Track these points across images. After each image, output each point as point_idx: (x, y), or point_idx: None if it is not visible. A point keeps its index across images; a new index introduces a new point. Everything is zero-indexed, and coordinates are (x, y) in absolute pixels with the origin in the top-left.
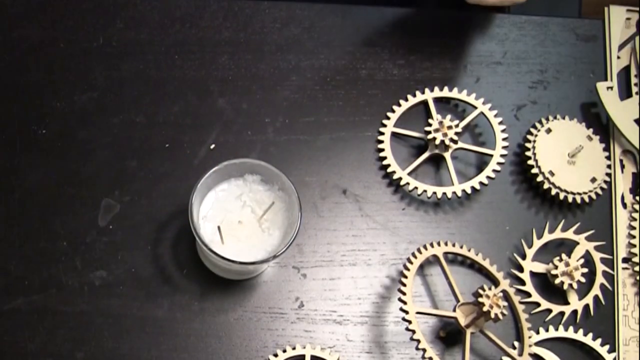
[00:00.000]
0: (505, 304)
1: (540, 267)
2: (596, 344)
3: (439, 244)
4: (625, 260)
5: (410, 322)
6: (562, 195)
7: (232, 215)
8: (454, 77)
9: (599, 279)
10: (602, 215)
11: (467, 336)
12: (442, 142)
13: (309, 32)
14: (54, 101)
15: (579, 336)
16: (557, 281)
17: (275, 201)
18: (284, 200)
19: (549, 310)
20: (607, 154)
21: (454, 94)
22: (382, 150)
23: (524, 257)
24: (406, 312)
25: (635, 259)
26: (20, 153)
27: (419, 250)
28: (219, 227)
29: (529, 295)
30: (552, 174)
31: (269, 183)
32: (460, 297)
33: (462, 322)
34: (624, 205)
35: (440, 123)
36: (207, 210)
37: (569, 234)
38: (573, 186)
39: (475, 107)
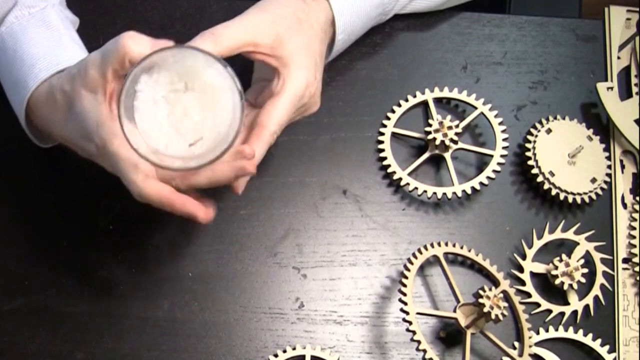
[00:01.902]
0: (506, 304)
1: (540, 268)
2: (596, 345)
3: (439, 244)
4: (625, 260)
5: (410, 322)
6: (562, 196)
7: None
8: (454, 78)
9: (599, 280)
10: (602, 215)
11: (468, 337)
12: (442, 142)
13: None
14: None
15: (579, 336)
16: (557, 281)
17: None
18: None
19: (549, 311)
20: (607, 154)
21: (454, 94)
22: (382, 150)
23: (524, 257)
24: (407, 313)
25: (636, 260)
26: (20, 153)
27: (419, 251)
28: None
29: (529, 295)
30: (552, 174)
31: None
32: (461, 298)
33: (463, 322)
34: (624, 206)
35: (441, 123)
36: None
37: (569, 235)
38: (573, 186)
39: (476, 108)
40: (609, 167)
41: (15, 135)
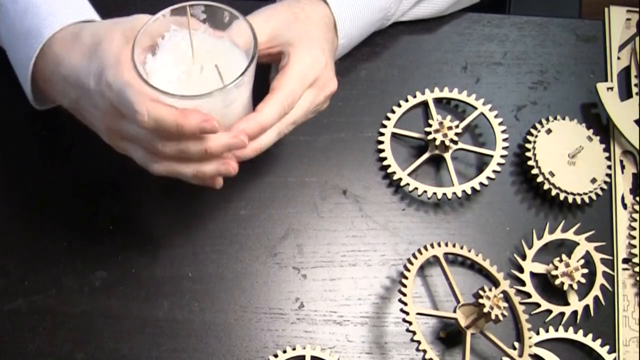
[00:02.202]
0: (506, 305)
1: (540, 268)
2: (596, 345)
3: (439, 244)
4: (625, 260)
5: (410, 323)
6: (562, 196)
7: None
8: (454, 78)
9: (599, 280)
10: (602, 215)
11: (468, 337)
12: (442, 142)
13: None
14: None
15: (579, 337)
16: (557, 282)
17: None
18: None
19: (549, 311)
20: (607, 154)
21: (454, 94)
22: (382, 150)
23: (524, 257)
24: (407, 313)
25: (636, 260)
26: (20, 153)
27: (419, 251)
28: (216, 66)
29: (529, 295)
30: (552, 174)
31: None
32: (461, 298)
33: (463, 323)
34: (624, 206)
35: (441, 124)
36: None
37: (569, 235)
38: (573, 187)
39: (476, 108)
40: (609, 167)
41: (16, 135)
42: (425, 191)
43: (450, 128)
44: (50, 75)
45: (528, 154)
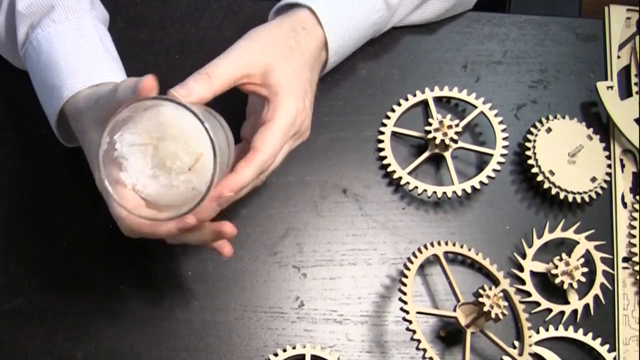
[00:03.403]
0: (506, 303)
1: (540, 267)
2: (596, 344)
3: (439, 243)
4: (625, 259)
5: (410, 321)
6: (562, 195)
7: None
8: (454, 77)
9: (599, 279)
10: (602, 214)
11: (468, 336)
12: (442, 141)
13: None
14: None
15: (579, 336)
16: (557, 281)
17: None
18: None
19: (549, 310)
20: (607, 153)
21: (454, 93)
22: (382, 149)
23: (524, 256)
24: (407, 312)
25: (636, 259)
26: (20, 153)
27: (419, 250)
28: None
29: (529, 294)
30: (552, 173)
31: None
32: (461, 297)
33: (463, 321)
34: (624, 205)
35: (441, 122)
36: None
37: (569, 234)
38: (573, 186)
39: (476, 107)
40: (609, 166)
41: (16, 136)
42: (425, 190)
43: (450, 127)
44: (73, 125)
45: (528, 152)
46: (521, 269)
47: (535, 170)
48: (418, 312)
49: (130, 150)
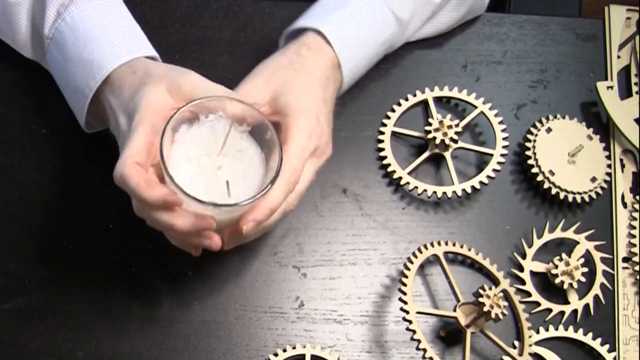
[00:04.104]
0: (506, 303)
1: (540, 267)
2: (596, 344)
3: (439, 243)
4: (625, 259)
5: (410, 321)
6: (562, 195)
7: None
8: (454, 77)
9: (599, 279)
10: (602, 214)
11: (468, 336)
12: (442, 141)
13: None
14: (55, 101)
15: (579, 336)
16: (557, 280)
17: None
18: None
19: (549, 310)
20: (607, 153)
21: (454, 93)
22: (382, 149)
23: (524, 256)
24: (407, 312)
25: (636, 259)
26: (20, 153)
27: (419, 250)
28: (227, 182)
29: (529, 294)
30: (552, 173)
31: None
32: (461, 297)
33: (463, 321)
34: (624, 205)
35: (441, 122)
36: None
37: (569, 234)
38: (573, 186)
39: (476, 107)
40: (609, 166)
41: (15, 136)
42: (425, 190)
43: (450, 127)
44: (104, 102)
45: (528, 152)
46: (521, 269)
47: (535, 170)
48: (418, 312)
49: (180, 156)
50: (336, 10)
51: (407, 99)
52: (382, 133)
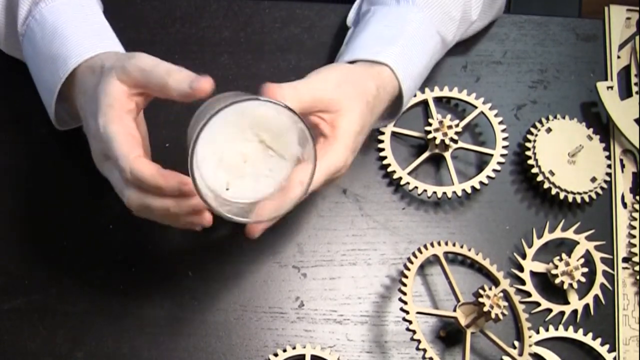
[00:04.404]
0: (506, 304)
1: (540, 267)
2: (596, 344)
3: (439, 243)
4: (625, 259)
5: (410, 322)
6: (562, 195)
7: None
8: (454, 77)
9: (599, 279)
10: (602, 214)
11: (468, 336)
12: (442, 141)
13: (309, 32)
14: None
15: (579, 336)
16: (557, 281)
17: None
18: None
19: (549, 310)
20: (607, 153)
21: (454, 93)
22: (382, 149)
23: (524, 256)
24: (407, 312)
25: (636, 259)
26: (21, 153)
27: (419, 250)
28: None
29: (529, 294)
30: (552, 173)
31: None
32: (461, 297)
33: (463, 322)
34: (624, 205)
35: (441, 123)
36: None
37: (569, 234)
38: (573, 186)
39: (476, 107)
40: (609, 166)
41: (15, 136)
42: (425, 190)
43: (450, 127)
44: (74, 100)
45: (528, 153)
46: (521, 269)
47: (535, 170)
48: (418, 312)
49: (210, 146)
50: (397, 40)
51: None
52: (382, 133)
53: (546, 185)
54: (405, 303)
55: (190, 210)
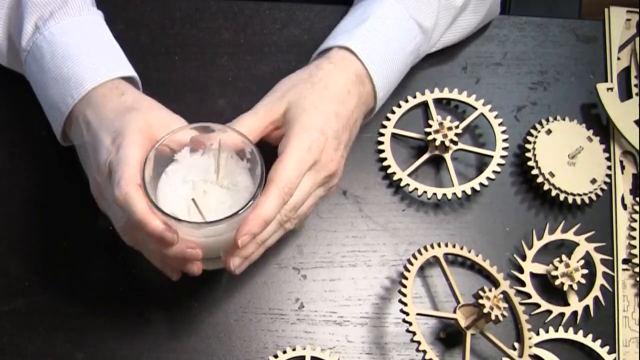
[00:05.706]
0: (506, 305)
1: (540, 268)
2: (596, 345)
3: (439, 245)
4: (625, 261)
5: (410, 323)
6: (562, 197)
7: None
8: (454, 78)
9: (599, 280)
10: (602, 216)
11: (468, 337)
12: (442, 143)
13: (309, 34)
14: None
15: (579, 337)
16: (557, 282)
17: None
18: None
19: (549, 312)
20: (607, 155)
21: (454, 95)
22: (382, 151)
23: (524, 258)
24: (407, 314)
25: (636, 260)
26: (21, 154)
27: (419, 252)
28: (193, 199)
29: (529, 296)
30: (552, 175)
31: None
32: (461, 299)
33: (463, 323)
34: (624, 207)
35: (441, 124)
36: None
37: (569, 235)
38: (573, 187)
39: (476, 108)
40: (609, 167)
41: (15, 136)
42: (425, 192)
43: (450, 128)
44: (78, 115)
45: (528, 154)
46: (521, 270)
47: (535, 171)
48: (418, 314)
49: (176, 174)
50: (359, 26)
51: (407, 101)
52: (382, 135)
53: (546, 187)
54: (405, 304)
55: (177, 255)
